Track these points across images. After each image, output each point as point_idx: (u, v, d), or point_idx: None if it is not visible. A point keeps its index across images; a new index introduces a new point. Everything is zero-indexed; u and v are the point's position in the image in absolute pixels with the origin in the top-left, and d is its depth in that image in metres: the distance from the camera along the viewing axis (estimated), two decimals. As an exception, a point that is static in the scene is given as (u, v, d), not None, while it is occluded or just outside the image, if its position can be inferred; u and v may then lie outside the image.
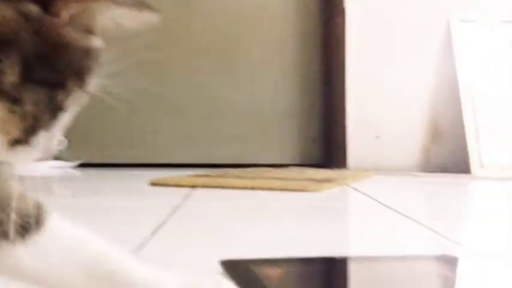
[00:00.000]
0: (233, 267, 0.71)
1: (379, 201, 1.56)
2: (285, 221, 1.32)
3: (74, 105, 0.55)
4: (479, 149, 2.47)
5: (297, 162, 2.73)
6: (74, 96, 0.54)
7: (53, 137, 0.57)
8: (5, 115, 0.52)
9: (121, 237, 0.96)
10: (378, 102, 2.65)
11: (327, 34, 2.73)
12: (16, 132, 0.54)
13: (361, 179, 2.19)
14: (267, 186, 1.80)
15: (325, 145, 2.75)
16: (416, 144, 2.65)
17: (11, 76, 0.50)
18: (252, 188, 1.79)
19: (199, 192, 1.72)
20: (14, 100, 0.51)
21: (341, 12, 2.65)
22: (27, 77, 0.51)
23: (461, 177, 2.37)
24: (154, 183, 1.88)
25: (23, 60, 0.50)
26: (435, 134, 2.65)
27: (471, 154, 2.46)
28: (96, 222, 0.95)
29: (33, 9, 0.50)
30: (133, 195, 1.74)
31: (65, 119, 0.56)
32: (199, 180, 1.91)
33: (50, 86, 0.52)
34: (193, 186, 1.82)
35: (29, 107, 0.52)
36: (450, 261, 0.80)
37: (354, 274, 0.77)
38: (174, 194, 1.65)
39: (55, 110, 0.54)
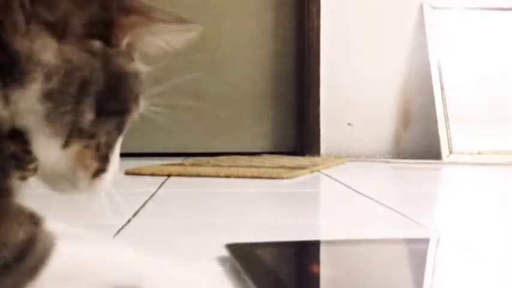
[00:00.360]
0: (238, 250, 0.73)
1: (350, 187, 1.58)
2: (258, 207, 1.33)
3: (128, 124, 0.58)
4: (449, 135, 2.51)
5: (270, 150, 2.76)
6: (132, 117, 0.57)
7: (117, 155, 0.60)
8: (83, 152, 0.54)
9: (98, 224, 0.97)
10: (350, 89, 2.68)
11: (301, 22, 2.75)
12: (95, 164, 0.56)
13: (334, 166, 2.22)
14: (241, 174, 1.82)
15: (299, 133, 2.77)
16: (388, 130, 2.68)
17: (89, 114, 0.52)
18: (226, 176, 1.80)
19: (174, 181, 1.73)
20: (91, 136, 0.53)
21: (316, 1, 2.67)
22: (100, 111, 0.52)
23: (431, 163, 2.41)
24: (129, 173, 1.89)
25: (97, 96, 0.52)
26: (406, 120, 2.68)
27: (441, 140, 2.50)
28: (73, 211, 0.97)
29: (98, 45, 0.51)
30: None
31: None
32: (174, 169, 1.92)
33: (117, 114, 0.55)
34: (168, 175, 1.84)
35: (103, 139, 0.55)
36: (420, 244, 0.82)
37: (328, 257, 0.79)
38: (150, 183, 1.66)
39: (120, 133, 0.57)
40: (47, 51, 0.48)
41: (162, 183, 1.64)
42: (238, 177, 1.80)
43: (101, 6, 0.52)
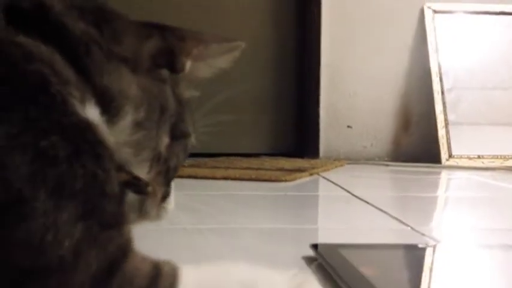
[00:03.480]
0: (324, 250, 0.75)
1: (349, 191, 1.57)
2: (256, 211, 1.33)
3: None
4: (449, 139, 2.50)
5: (269, 151, 2.75)
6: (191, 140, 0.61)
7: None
8: (156, 178, 0.56)
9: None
10: (350, 92, 2.67)
11: (302, 24, 2.74)
12: (162, 189, 0.59)
13: (333, 169, 2.21)
14: (239, 176, 1.81)
15: (298, 135, 2.76)
16: (388, 133, 2.67)
17: (166, 138, 0.55)
18: (224, 178, 1.80)
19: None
20: (165, 161, 0.56)
21: (317, 1, 2.66)
22: (172, 136, 0.56)
23: (431, 167, 2.40)
24: (126, 173, 1.88)
25: (170, 121, 0.56)
26: (406, 123, 2.68)
27: (441, 144, 2.49)
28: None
29: (166, 73, 0.56)
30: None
31: None
32: (172, 170, 1.91)
33: (183, 137, 0.59)
34: (165, 176, 1.82)
35: (173, 163, 0.57)
36: (418, 250, 0.82)
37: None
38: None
39: (186, 156, 0.61)
40: (131, 84, 0.51)
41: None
42: (237, 179, 1.79)
43: (160, 38, 0.56)
